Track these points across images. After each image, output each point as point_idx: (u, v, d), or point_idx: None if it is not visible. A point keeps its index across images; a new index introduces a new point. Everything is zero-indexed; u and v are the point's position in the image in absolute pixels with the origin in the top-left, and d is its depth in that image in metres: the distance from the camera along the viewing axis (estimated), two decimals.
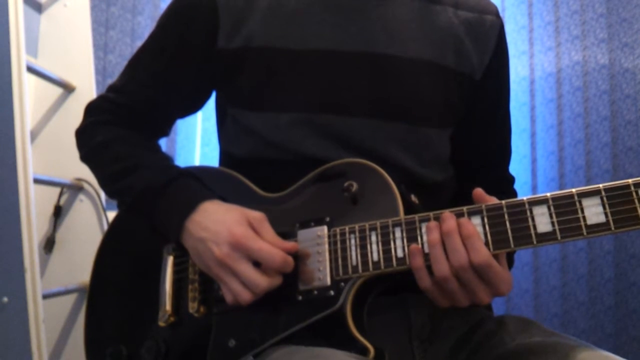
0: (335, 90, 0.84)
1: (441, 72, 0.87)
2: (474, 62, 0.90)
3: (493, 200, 0.69)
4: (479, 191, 0.70)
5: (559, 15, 2.31)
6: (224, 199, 0.80)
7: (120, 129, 0.91)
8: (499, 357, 0.73)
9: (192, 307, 0.79)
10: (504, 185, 0.99)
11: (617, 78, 2.19)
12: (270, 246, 0.71)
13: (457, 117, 0.91)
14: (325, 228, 0.75)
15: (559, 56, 2.30)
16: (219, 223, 0.74)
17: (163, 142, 1.00)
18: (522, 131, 2.33)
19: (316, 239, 0.75)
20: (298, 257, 0.75)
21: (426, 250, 0.69)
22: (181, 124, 2.26)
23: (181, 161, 2.26)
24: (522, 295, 2.27)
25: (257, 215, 0.74)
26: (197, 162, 2.31)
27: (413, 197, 0.76)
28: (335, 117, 0.83)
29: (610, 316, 2.13)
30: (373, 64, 0.84)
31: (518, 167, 2.29)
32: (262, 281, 0.70)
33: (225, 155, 0.96)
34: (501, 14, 2.38)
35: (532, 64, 2.34)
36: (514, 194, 0.98)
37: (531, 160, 2.30)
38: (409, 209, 0.73)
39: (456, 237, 0.66)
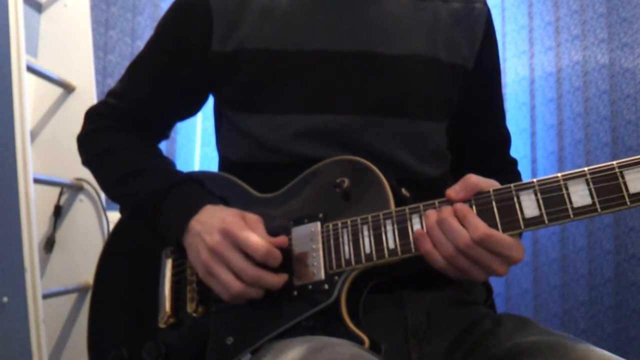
0: (330, 90, 0.84)
1: (434, 65, 0.88)
2: (465, 52, 0.91)
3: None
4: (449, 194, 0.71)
5: (559, 15, 2.31)
6: (225, 202, 0.81)
7: (121, 135, 0.92)
8: (496, 356, 0.73)
9: (191, 307, 0.80)
10: (507, 169, 1.00)
11: (617, 78, 2.19)
12: (255, 235, 0.72)
13: (452, 109, 0.92)
14: (318, 224, 0.76)
15: (559, 56, 2.30)
16: (214, 217, 0.75)
17: (163, 143, 1.01)
18: (522, 131, 2.33)
19: (310, 235, 0.76)
20: (293, 254, 0.76)
21: None
22: (181, 124, 2.26)
23: (181, 161, 2.27)
24: (522, 295, 2.27)
25: (253, 216, 0.76)
26: (197, 162, 2.32)
27: (404, 191, 0.77)
28: (330, 117, 0.84)
29: (610, 316, 2.12)
30: (367, 62, 0.85)
31: (518, 167, 2.29)
32: (251, 270, 0.71)
33: (222, 160, 0.97)
34: (501, 14, 2.40)
35: (532, 64, 2.34)
36: (517, 174, 1.00)
37: (531, 160, 2.30)
38: (400, 202, 0.74)
39: (452, 220, 0.68)
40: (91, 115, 0.96)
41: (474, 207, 0.69)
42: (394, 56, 0.86)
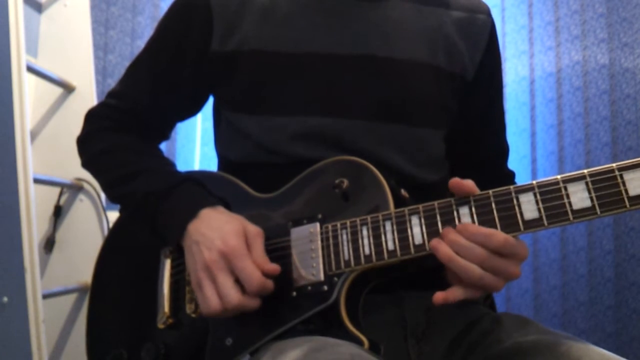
0: (328, 93, 0.84)
1: (434, 73, 0.88)
2: (465, 61, 0.91)
3: (469, 186, 0.69)
4: (454, 181, 0.70)
5: (559, 15, 2.31)
6: (225, 203, 0.81)
7: (122, 136, 0.92)
8: (495, 355, 0.73)
9: (190, 308, 0.80)
10: (505, 182, 0.99)
11: (617, 78, 2.19)
12: (254, 268, 0.71)
13: (451, 117, 0.92)
14: (317, 225, 0.76)
15: (559, 56, 2.30)
16: (216, 230, 0.74)
17: (163, 143, 1.01)
18: (522, 131, 2.33)
19: (309, 236, 0.75)
20: (292, 255, 0.76)
21: (417, 242, 0.70)
22: (181, 124, 2.25)
23: (181, 161, 2.27)
24: (522, 295, 2.27)
25: (253, 230, 0.75)
26: (197, 162, 2.31)
27: (403, 192, 0.77)
28: (328, 120, 0.83)
29: (610, 316, 2.12)
30: (366, 66, 0.85)
31: (518, 167, 2.29)
32: (234, 297, 0.70)
33: (221, 160, 0.97)
34: (501, 14, 2.40)
35: (532, 64, 2.34)
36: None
37: (531, 160, 2.30)
38: (399, 203, 0.74)
39: (463, 240, 0.67)
40: (91, 116, 0.96)
41: (473, 209, 0.69)
42: (394, 60, 0.86)
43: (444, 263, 0.68)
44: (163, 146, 1.00)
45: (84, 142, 0.95)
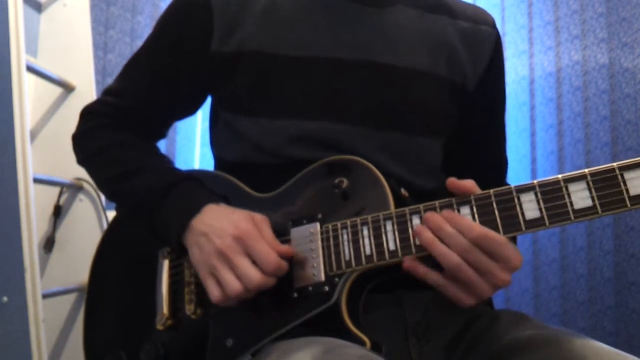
0: (328, 98, 0.84)
1: (435, 82, 0.87)
2: (467, 71, 0.90)
3: (467, 185, 0.69)
4: (452, 180, 0.70)
5: (559, 15, 2.31)
6: (226, 200, 0.81)
7: (118, 133, 0.91)
8: (494, 352, 0.73)
9: (189, 309, 0.80)
10: None
11: (617, 78, 2.19)
12: (270, 249, 0.71)
13: (450, 126, 0.91)
14: (317, 225, 0.75)
15: (559, 56, 2.30)
16: (224, 220, 0.74)
17: (163, 143, 1.01)
18: (522, 131, 2.33)
19: (309, 237, 0.75)
20: (292, 255, 0.75)
21: (418, 242, 0.69)
22: (181, 124, 2.26)
23: (181, 161, 2.26)
24: (522, 294, 2.27)
25: (260, 217, 0.75)
26: (196, 162, 2.31)
27: (403, 191, 0.77)
28: (327, 125, 0.83)
29: (610, 316, 2.12)
30: (367, 73, 0.84)
31: (518, 167, 2.29)
32: (257, 277, 0.70)
33: (218, 160, 0.97)
34: (501, 14, 2.40)
35: (532, 64, 2.34)
36: None
37: (531, 160, 2.30)
38: (400, 202, 0.74)
39: (447, 227, 0.67)
40: (88, 113, 0.95)
41: (474, 209, 0.69)
42: (395, 68, 0.85)
43: (425, 247, 0.68)
44: (163, 146, 0.99)
45: (80, 140, 0.94)
